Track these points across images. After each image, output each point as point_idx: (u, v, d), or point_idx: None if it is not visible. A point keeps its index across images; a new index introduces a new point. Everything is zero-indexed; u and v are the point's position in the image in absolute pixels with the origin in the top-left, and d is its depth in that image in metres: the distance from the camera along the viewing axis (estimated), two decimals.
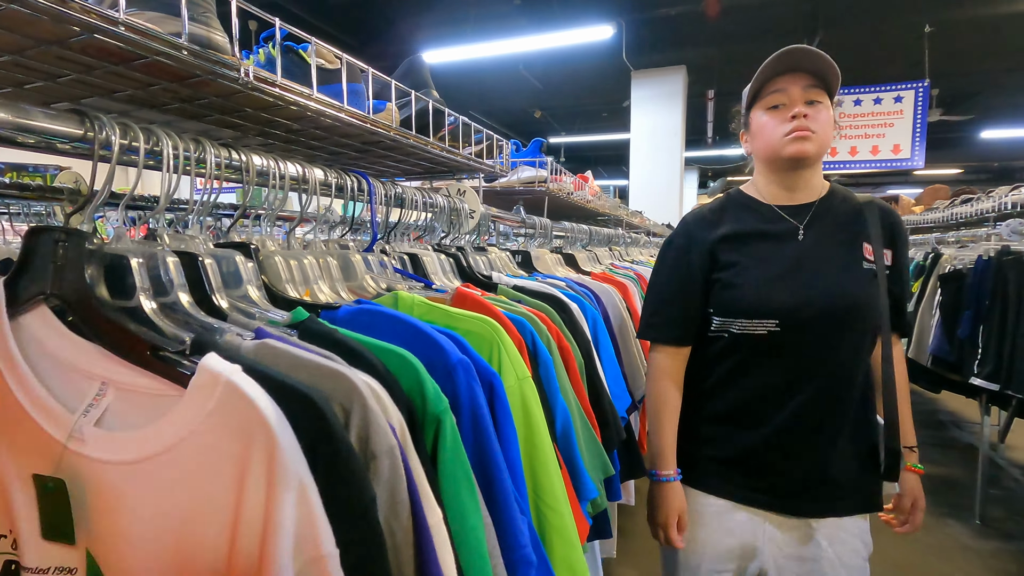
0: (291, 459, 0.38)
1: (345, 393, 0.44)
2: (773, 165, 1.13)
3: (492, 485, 0.63)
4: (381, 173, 1.44)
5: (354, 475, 0.40)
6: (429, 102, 1.15)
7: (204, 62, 0.63)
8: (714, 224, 1.15)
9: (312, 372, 0.45)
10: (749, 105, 1.14)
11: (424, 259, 1.09)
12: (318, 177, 0.88)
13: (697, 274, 1.13)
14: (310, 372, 0.45)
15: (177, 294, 0.51)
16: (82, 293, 0.47)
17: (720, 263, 1.12)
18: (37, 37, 0.56)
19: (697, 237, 1.15)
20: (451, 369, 0.63)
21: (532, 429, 0.78)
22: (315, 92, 0.82)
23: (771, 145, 1.09)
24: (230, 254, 0.62)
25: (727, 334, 1.11)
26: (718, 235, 1.13)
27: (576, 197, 2.57)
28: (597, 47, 5.43)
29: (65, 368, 0.46)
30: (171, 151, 0.62)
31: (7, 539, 0.47)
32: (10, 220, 1.41)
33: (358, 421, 0.43)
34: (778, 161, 1.10)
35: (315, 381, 0.44)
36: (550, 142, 10.54)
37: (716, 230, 1.14)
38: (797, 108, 1.05)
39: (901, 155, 5.52)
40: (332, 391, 0.44)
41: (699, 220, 1.18)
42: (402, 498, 0.43)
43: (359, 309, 0.68)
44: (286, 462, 0.38)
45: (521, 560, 0.61)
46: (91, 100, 0.76)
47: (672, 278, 1.17)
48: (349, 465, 0.40)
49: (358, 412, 0.43)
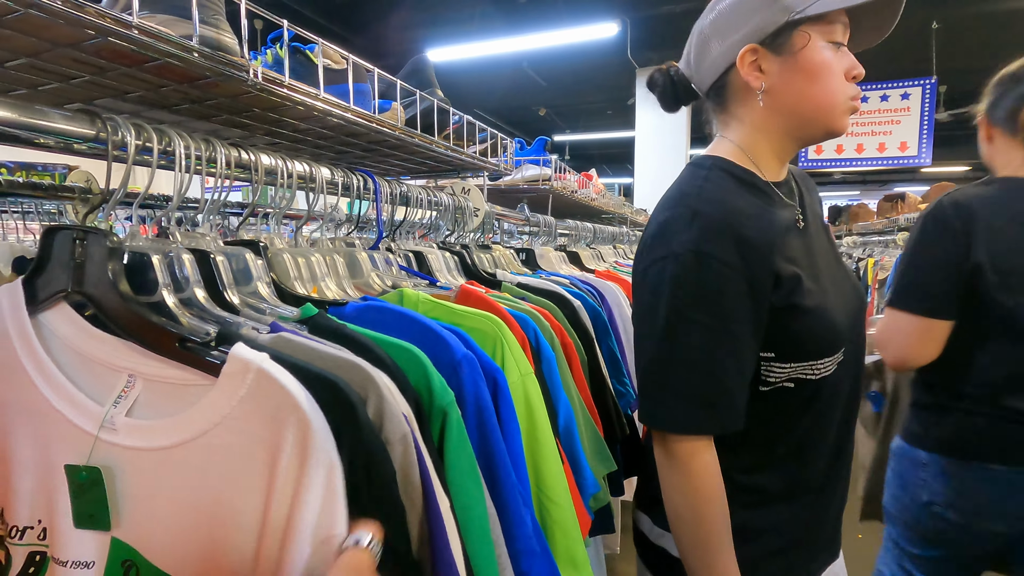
0: (323, 440, 0.40)
1: (361, 382, 0.46)
2: (803, 129, 0.78)
3: (496, 477, 0.64)
4: (386, 172, 1.45)
5: (376, 456, 0.43)
6: (434, 101, 1.17)
7: (214, 64, 0.65)
8: (760, 218, 0.74)
9: (328, 363, 0.46)
10: (793, 15, 0.72)
11: (429, 257, 1.10)
12: (324, 176, 0.90)
13: (762, 312, 0.72)
14: (327, 363, 0.46)
15: (193, 290, 0.53)
16: (106, 289, 0.48)
17: (783, 281, 0.72)
18: (53, 40, 0.57)
19: (756, 244, 0.71)
20: (456, 365, 0.64)
21: (535, 424, 0.79)
22: (322, 92, 0.83)
23: (832, 102, 0.74)
24: (240, 251, 0.63)
25: (792, 384, 0.75)
26: (774, 236, 0.73)
27: (580, 195, 2.58)
28: (602, 44, 5.43)
29: (90, 362, 0.48)
30: (183, 151, 0.63)
31: (34, 530, 0.49)
32: (22, 218, 1.43)
33: (373, 409, 0.45)
34: (817, 127, 0.77)
35: (332, 371, 0.46)
36: (555, 140, 10.53)
37: (770, 228, 0.73)
38: (860, 67, 0.75)
39: (908, 152, 5.49)
40: (349, 380, 0.46)
41: (737, 215, 0.72)
42: (415, 482, 0.46)
43: (366, 306, 0.69)
44: (319, 443, 0.40)
45: (525, 549, 0.62)
46: (103, 101, 0.78)
47: (720, 332, 0.70)
48: (373, 446, 0.43)
49: (373, 400, 0.45)
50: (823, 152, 5.67)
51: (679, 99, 0.89)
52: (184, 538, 0.44)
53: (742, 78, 0.77)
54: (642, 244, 0.79)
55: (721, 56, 0.78)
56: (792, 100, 0.76)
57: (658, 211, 0.79)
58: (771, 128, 0.79)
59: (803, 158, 5.53)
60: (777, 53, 0.74)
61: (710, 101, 0.85)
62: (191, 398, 0.45)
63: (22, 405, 0.48)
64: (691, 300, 0.70)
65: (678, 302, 0.70)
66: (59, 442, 0.47)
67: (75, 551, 0.47)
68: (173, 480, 0.45)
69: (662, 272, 0.71)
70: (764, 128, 0.79)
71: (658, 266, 0.72)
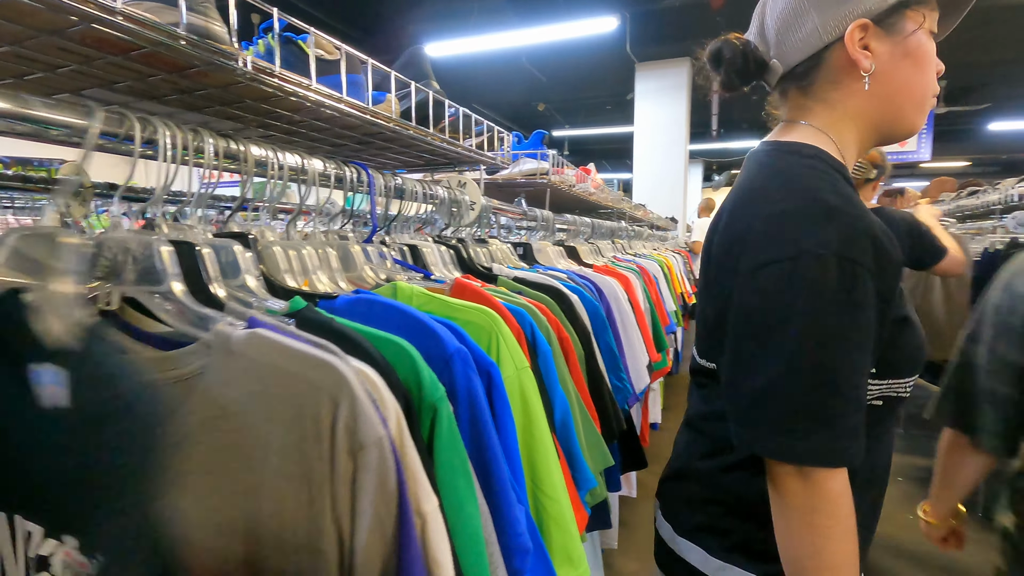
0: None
1: (334, 383, 0.44)
2: (894, 122, 0.71)
3: (489, 474, 0.63)
4: (382, 165, 1.44)
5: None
6: (429, 93, 1.15)
7: (202, 52, 0.64)
8: (879, 222, 0.64)
9: (301, 362, 0.45)
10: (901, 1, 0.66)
11: (424, 250, 1.09)
12: (317, 168, 0.89)
13: (886, 327, 0.66)
14: (299, 361, 0.45)
15: (170, 283, 0.51)
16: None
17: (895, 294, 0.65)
18: (36, 27, 0.56)
19: (887, 251, 0.62)
20: (448, 359, 0.63)
21: (530, 419, 0.78)
22: (314, 83, 0.82)
23: (926, 95, 0.70)
24: (228, 244, 0.62)
25: (880, 403, 0.70)
26: (895, 247, 0.64)
27: (578, 190, 2.57)
28: (601, 39, 5.41)
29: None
30: (168, 141, 0.62)
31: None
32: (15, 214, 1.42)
33: (346, 412, 0.44)
34: (906, 121, 0.71)
35: (304, 371, 0.45)
36: (554, 135, 10.52)
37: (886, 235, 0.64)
38: (941, 63, 0.71)
39: (907, 147, 5.48)
40: (321, 381, 0.44)
41: (869, 217, 0.63)
42: (390, 489, 0.44)
43: (357, 298, 0.68)
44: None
45: (518, 547, 0.61)
46: (91, 91, 0.77)
47: (863, 350, 0.61)
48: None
49: (346, 402, 0.44)
50: None
51: (750, 75, 0.78)
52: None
53: (846, 56, 0.68)
54: (736, 236, 0.67)
55: (821, 29, 0.69)
56: (895, 87, 0.68)
57: (758, 201, 0.67)
58: (866, 116, 0.71)
59: None
60: (888, 32, 0.67)
61: (790, 81, 0.75)
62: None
63: None
64: (834, 312, 0.58)
65: (818, 313, 0.58)
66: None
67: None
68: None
69: (790, 276, 0.59)
70: (857, 116, 0.71)
71: (781, 267, 0.60)
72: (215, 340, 0.46)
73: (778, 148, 0.74)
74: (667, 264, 3.16)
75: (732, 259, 0.66)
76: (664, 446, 3.82)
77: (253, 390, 0.45)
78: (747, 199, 0.69)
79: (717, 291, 0.70)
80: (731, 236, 0.68)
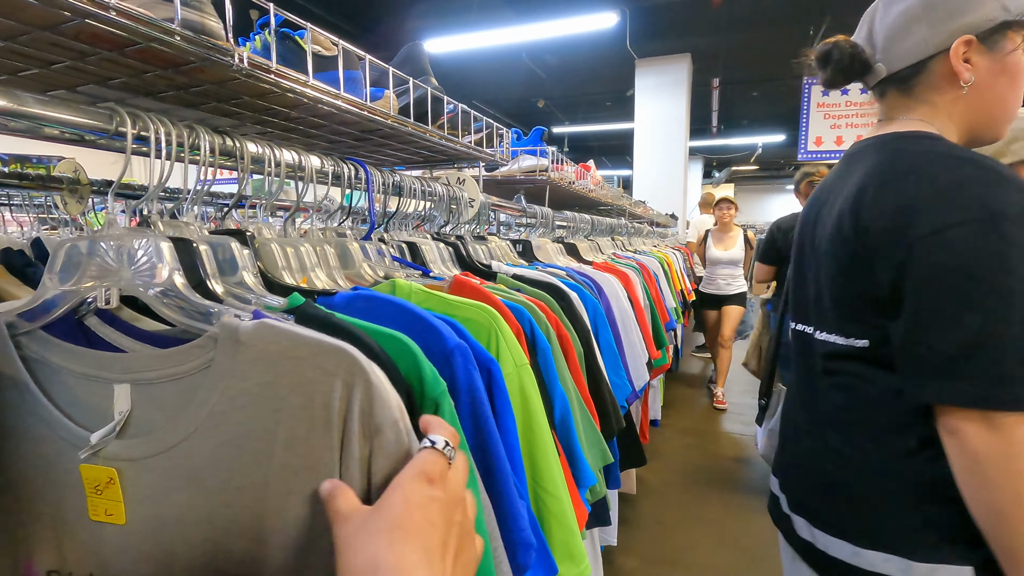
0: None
1: (348, 368, 0.44)
2: (984, 130, 0.81)
3: (491, 469, 0.63)
4: (381, 162, 1.43)
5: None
6: (427, 89, 1.15)
7: (198, 48, 0.63)
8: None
9: (313, 348, 0.45)
10: (1013, 15, 0.74)
11: (423, 247, 1.09)
12: (314, 164, 0.88)
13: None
14: (311, 348, 0.45)
15: (172, 278, 0.51)
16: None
17: None
18: (29, 22, 0.55)
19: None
20: (448, 354, 0.63)
21: (530, 416, 0.78)
22: (311, 79, 0.81)
23: (1013, 111, 0.79)
24: (225, 241, 0.62)
25: None
26: None
27: (578, 186, 2.56)
28: (601, 35, 5.39)
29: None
30: (162, 137, 0.62)
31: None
32: (11, 211, 1.41)
33: (361, 395, 0.43)
34: (993, 130, 0.81)
35: (315, 357, 0.44)
36: (554, 132, 10.51)
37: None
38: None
39: None
40: (334, 367, 0.44)
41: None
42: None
43: (355, 295, 0.68)
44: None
45: (521, 542, 0.61)
46: (86, 88, 0.76)
47: None
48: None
49: (361, 386, 0.43)
50: (823, 144, 5.63)
51: (853, 75, 0.87)
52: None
53: (949, 67, 0.76)
54: (899, 207, 0.71)
55: (930, 40, 0.77)
56: (989, 99, 0.77)
57: (917, 173, 0.72)
58: (961, 120, 0.80)
59: (803, 150, 5.50)
60: (989, 49, 0.75)
61: (891, 83, 0.83)
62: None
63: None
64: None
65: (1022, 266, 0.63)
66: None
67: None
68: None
69: (984, 234, 0.65)
70: (954, 118, 0.80)
71: (970, 228, 0.65)
72: (222, 333, 0.46)
73: (905, 136, 0.80)
74: (667, 261, 3.16)
75: (899, 229, 0.70)
76: (664, 443, 3.86)
77: (262, 380, 0.45)
78: (898, 175, 0.73)
79: (876, 263, 0.73)
80: (890, 210, 0.72)
